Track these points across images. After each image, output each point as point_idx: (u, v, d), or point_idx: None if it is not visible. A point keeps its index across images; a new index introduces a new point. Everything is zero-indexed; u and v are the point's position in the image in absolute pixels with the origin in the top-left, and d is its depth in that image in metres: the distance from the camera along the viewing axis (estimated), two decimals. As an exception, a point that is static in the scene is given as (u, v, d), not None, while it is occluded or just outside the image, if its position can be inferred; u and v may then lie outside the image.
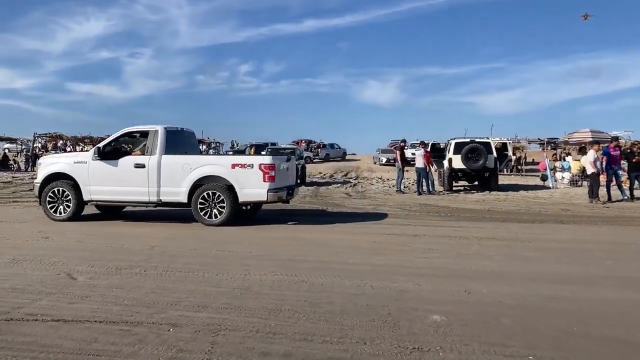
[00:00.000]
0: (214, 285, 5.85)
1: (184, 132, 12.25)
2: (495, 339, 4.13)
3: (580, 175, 22.56)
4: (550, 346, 3.99)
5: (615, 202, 15.67)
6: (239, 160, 11.14)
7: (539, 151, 49.27)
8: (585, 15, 21.78)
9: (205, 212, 10.75)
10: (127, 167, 11.05)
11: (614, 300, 5.31)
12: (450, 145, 20.56)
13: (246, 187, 10.61)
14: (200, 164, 10.91)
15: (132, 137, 11.80)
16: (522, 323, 4.55)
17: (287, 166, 11.72)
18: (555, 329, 4.38)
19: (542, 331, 4.34)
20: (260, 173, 10.55)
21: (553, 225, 11.13)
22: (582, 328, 4.42)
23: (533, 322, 4.56)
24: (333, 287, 5.74)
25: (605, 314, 4.83)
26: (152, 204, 11.12)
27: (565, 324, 4.50)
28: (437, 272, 6.55)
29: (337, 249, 8.16)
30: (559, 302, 5.20)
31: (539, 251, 8.05)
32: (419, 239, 9.21)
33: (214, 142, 59.27)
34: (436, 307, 4.99)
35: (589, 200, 15.82)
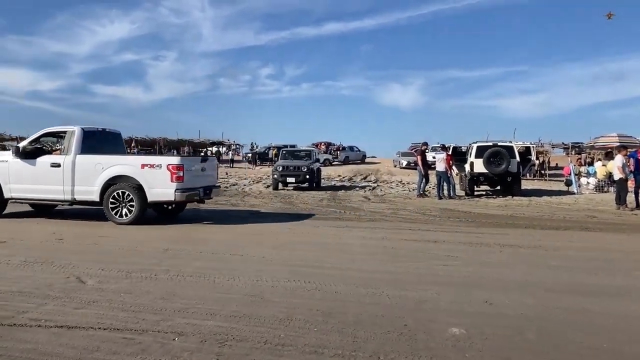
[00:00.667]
0: (224, 291, 5.66)
1: (106, 132, 12.50)
2: (518, 356, 3.87)
3: (606, 180, 21.99)
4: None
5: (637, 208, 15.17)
6: (148, 160, 11.33)
7: (563, 156, 48.47)
8: (609, 14, 21.14)
9: (116, 211, 10.99)
10: (44, 166, 11.35)
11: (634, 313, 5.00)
12: (472, 149, 20.17)
13: (155, 187, 10.87)
14: (112, 164, 11.14)
15: (55, 136, 12.05)
16: (547, 338, 4.27)
17: (204, 167, 11.97)
18: (583, 346, 4.10)
19: (568, 348, 4.06)
20: (169, 173, 10.80)
21: (578, 233, 10.75)
22: (611, 345, 4.12)
23: (558, 338, 4.28)
24: (347, 296, 5.51)
25: (637, 331, 4.53)
26: (67, 202, 11.50)
27: (592, 341, 4.21)
28: (456, 281, 6.28)
29: (354, 255, 7.92)
30: (587, 316, 4.91)
31: (564, 260, 7.73)
32: (439, 245, 8.93)
33: (234, 144, 59.46)
34: (455, 319, 4.73)
35: (616, 206, 15.34)
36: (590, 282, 6.36)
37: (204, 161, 12.28)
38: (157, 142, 50.08)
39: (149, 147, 51.21)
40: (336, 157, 48.22)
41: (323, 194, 20.44)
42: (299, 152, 25.70)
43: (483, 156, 19.29)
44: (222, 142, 54.20)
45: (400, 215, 13.51)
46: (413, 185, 24.96)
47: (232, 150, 54.33)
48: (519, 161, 19.88)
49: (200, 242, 8.87)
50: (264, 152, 48.15)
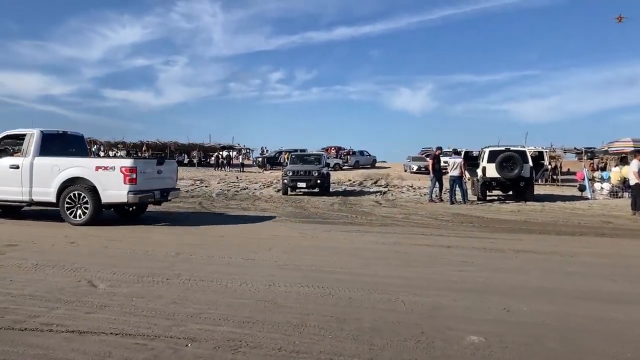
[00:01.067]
0: (237, 296, 5.59)
1: (67, 135, 12.75)
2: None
3: (621, 186, 21.73)
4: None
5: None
6: (102, 162, 11.58)
7: (575, 161, 48.08)
8: (620, 17, 20.84)
9: (71, 212, 11.25)
10: (4, 168, 11.66)
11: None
12: (484, 154, 19.99)
13: (108, 189, 11.09)
14: (68, 166, 11.36)
15: (16, 139, 12.19)
16: (569, 347, 4.15)
17: (160, 169, 12.18)
18: (606, 355, 3.98)
19: (591, 358, 3.94)
20: (122, 175, 11.00)
21: (594, 239, 10.58)
22: (636, 355, 4.00)
23: (580, 347, 4.16)
24: (362, 302, 5.42)
25: (661, 339, 4.40)
26: (25, 203, 11.81)
27: (616, 350, 4.09)
28: (472, 287, 6.17)
29: (366, 259, 7.82)
30: (608, 324, 4.78)
31: (581, 266, 7.59)
32: (453, 250, 8.81)
33: (244, 148, 59.55)
34: (473, 327, 4.63)
35: (632, 212, 15.11)
36: (609, 289, 6.22)
37: (161, 164, 12.42)
38: (168, 146, 50.27)
39: (160, 150, 51.44)
40: (346, 161, 48.11)
41: (334, 198, 20.35)
42: (309, 156, 25.16)
43: (495, 161, 19.10)
44: (232, 146, 54.28)
45: (412, 220, 13.39)
46: (424, 190, 24.85)
47: (242, 155, 54.36)
48: (531, 166, 19.68)
49: (211, 247, 8.80)
50: (274, 156, 48.15)
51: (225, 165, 44.41)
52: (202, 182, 27.48)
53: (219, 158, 47.04)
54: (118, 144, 52.99)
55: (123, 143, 52.91)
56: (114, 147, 53.14)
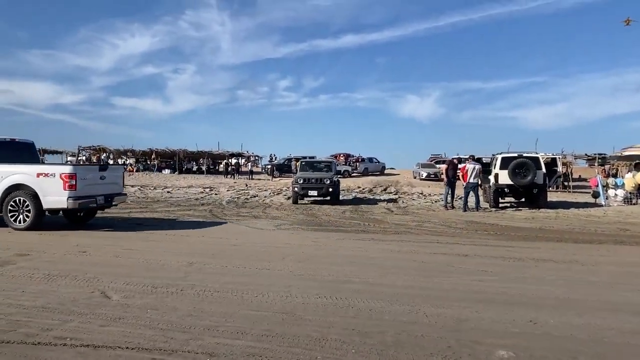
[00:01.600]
0: (254, 308, 5.44)
1: (16, 143, 12.95)
2: (575, 383, 3.59)
3: (635, 192, 21.42)
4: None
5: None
6: (43, 169, 11.74)
7: (585, 167, 47.67)
8: (628, 20, 20.51)
9: (14, 217, 11.56)
10: None
11: None
12: (497, 160, 19.75)
13: (49, 195, 11.38)
14: (11, 173, 11.66)
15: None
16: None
17: (103, 175, 12.48)
18: (645, 372, 3.80)
19: (630, 374, 3.77)
20: (61, 182, 11.30)
21: (614, 247, 10.36)
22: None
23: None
24: (383, 314, 5.26)
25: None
26: None
27: (655, 366, 3.91)
28: (495, 298, 5.99)
29: (383, 269, 7.65)
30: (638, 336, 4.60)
31: (604, 275, 7.39)
32: (470, 259, 8.62)
33: (252, 156, 59.51)
34: (500, 340, 4.46)
35: None
36: (636, 300, 6.02)
37: (104, 170, 12.73)
38: (177, 153, 50.30)
39: (169, 158, 51.46)
40: (355, 168, 47.90)
41: (345, 206, 20.17)
42: (319, 163, 23.98)
43: (508, 167, 18.88)
44: (241, 154, 54.22)
45: (426, 228, 13.20)
46: (434, 196, 24.65)
47: (251, 162, 54.31)
48: (545, 172, 19.43)
49: (225, 256, 8.66)
50: (283, 163, 48.05)
51: (235, 173, 44.35)
52: (211, 190, 27.39)
53: (228, 165, 46.98)
54: (127, 152, 53.09)
55: (132, 151, 53.00)
56: (122, 155, 53.26)
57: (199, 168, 50.89)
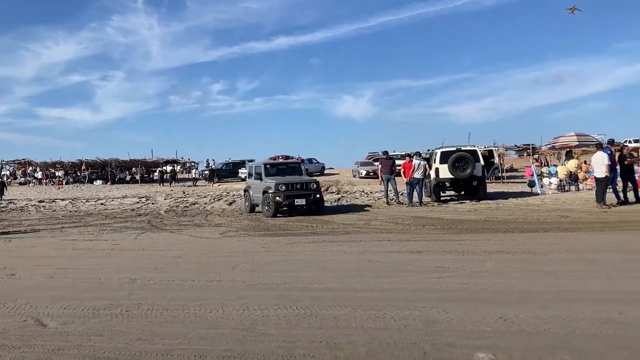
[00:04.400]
0: (209, 325, 5.02)
1: None
2: (563, 383, 3.42)
3: (568, 180, 22.23)
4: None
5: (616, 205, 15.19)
6: None
7: (515, 158, 49.44)
8: (572, 8, 20.93)
9: None
10: None
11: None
12: (436, 155, 19.97)
13: None
14: None
15: None
16: (584, 357, 3.84)
17: None
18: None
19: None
20: None
21: (560, 234, 10.53)
22: (658, 361, 3.72)
23: (597, 356, 3.85)
24: (349, 321, 4.96)
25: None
26: None
27: (636, 357, 3.80)
28: (458, 296, 5.83)
29: (340, 272, 7.38)
30: (616, 328, 4.50)
31: (559, 264, 7.41)
32: (425, 256, 8.50)
33: (188, 162, 58.21)
34: (476, 342, 4.26)
35: (598, 204, 15.12)
36: (598, 288, 6.01)
37: None
38: (108, 163, 48.29)
39: (101, 169, 49.37)
40: (294, 169, 47.61)
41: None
42: (286, 165, 19.65)
43: (448, 161, 19.10)
44: (176, 161, 52.76)
45: (374, 226, 13.06)
46: (376, 194, 24.65)
47: (195, 169, 52.86)
48: (483, 165, 19.82)
49: (170, 270, 8.15)
50: (221, 168, 47.11)
51: (172, 181, 43.01)
52: (147, 199, 26.34)
53: (164, 173, 45.57)
54: (56, 164, 50.50)
55: (61, 163, 50.45)
56: (50, 168, 50.65)
57: (132, 177, 49.09)
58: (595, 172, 15.90)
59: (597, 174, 15.61)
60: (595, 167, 15.69)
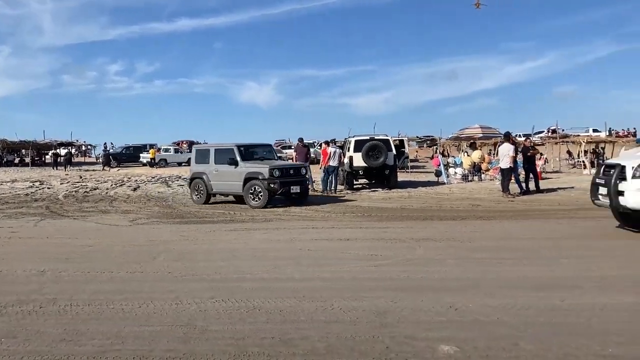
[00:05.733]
0: (142, 322, 4.52)
1: None
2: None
3: (471, 170, 23.18)
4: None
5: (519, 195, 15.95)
6: None
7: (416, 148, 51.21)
8: (477, 3, 21.97)
9: None
10: None
11: (613, 306, 4.75)
12: (350, 144, 20.05)
13: None
14: None
15: None
16: (546, 347, 3.80)
17: None
18: (590, 353, 3.67)
19: (579, 357, 3.61)
20: None
21: (477, 222, 10.82)
22: (616, 349, 3.75)
23: (558, 345, 3.82)
24: (297, 314, 4.67)
25: (621, 326, 4.22)
26: None
27: (596, 344, 3.82)
28: (401, 284, 5.71)
29: (272, 261, 7.05)
30: (562, 315, 4.55)
31: (487, 252, 7.54)
32: (354, 243, 8.36)
33: (84, 145, 54.91)
34: (435, 333, 4.11)
35: (503, 194, 15.78)
36: (532, 274, 6.10)
37: None
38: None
39: (-17, 150, 45.25)
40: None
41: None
42: (256, 147, 16.57)
43: (362, 150, 19.20)
44: (71, 143, 49.47)
45: (295, 213, 12.78)
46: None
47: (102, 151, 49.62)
48: (395, 154, 20.15)
49: (83, 260, 7.41)
50: (121, 152, 44.80)
51: (66, 165, 40.20)
52: (42, 184, 24.32)
53: (57, 156, 42.54)
54: None
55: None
56: None
57: (22, 160, 45.44)
58: (501, 163, 16.61)
59: (502, 165, 16.32)
60: (502, 158, 16.41)
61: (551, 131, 39.00)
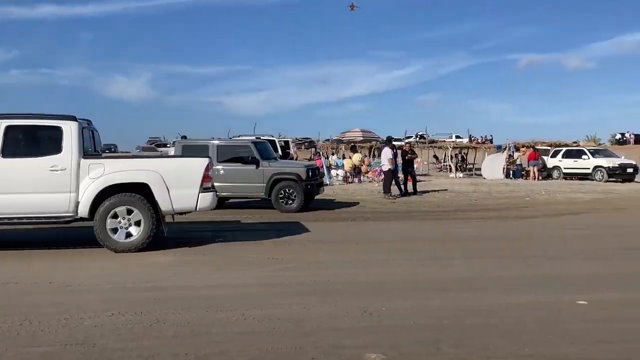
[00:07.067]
0: (28, 342, 3.93)
1: None
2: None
3: (352, 172, 23.72)
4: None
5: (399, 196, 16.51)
6: None
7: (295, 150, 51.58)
8: (352, 5, 22.58)
9: None
10: None
11: (516, 306, 4.95)
12: (235, 143, 19.66)
13: None
14: None
15: None
16: (468, 350, 3.83)
17: None
18: (510, 354, 3.75)
19: (500, 359, 3.67)
20: None
21: (367, 223, 11.00)
22: (532, 348, 3.86)
23: (478, 347, 3.87)
24: (208, 326, 4.32)
25: (530, 325, 4.39)
26: None
27: (512, 344, 3.92)
28: (311, 289, 5.58)
29: (166, 267, 6.58)
30: (475, 315, 4.65)
31: (386, 253, 7.63)
32: (253, 247, 8.07)
33: None
34: (357, 340, 4.01)
35: (384, 195, 16.19)
36: (433, 276, 6.26)
37: None
38: None
39: None
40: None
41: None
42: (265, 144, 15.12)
43: (247, 150, 18.86)
44: None
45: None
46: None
47: None
48: (281, 155, 20.06)
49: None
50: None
51: None
52: None
53: None
54: None
55: None
56: None
57: None
58: (382, 165, 17.16)
59: (384, 167, 16.88)
60: (383, 161, 16.97)
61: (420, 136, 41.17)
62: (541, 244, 8.56)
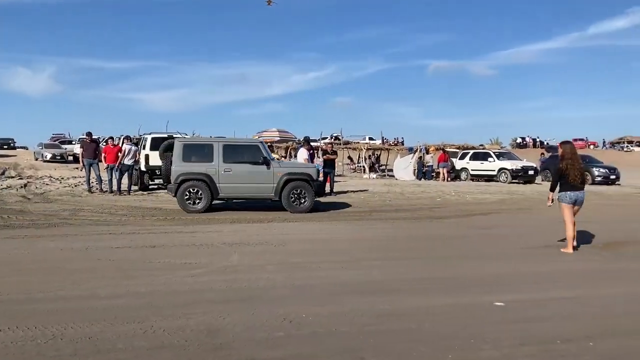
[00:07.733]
0: None
1: None
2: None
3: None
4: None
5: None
6: None
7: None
8: (269, 0, 22.43)
9: None
10: None
11: (435, 309, 4.92)
12: (146, 141, 18.78)
13: None
14: None
15: None
16: (390, 357, 3.71)
17: None
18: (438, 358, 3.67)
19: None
20: None
21: (285, 225, 10.80)
22: (455, 354, 3.81)
23: (401, 354, 3.77)
24: (112, 341, 3.93)
25: (450, 329, 4.35)
26: None
27: (435, 350, 3.85)
28: (226, 296, 5.30)
29: (71, 274, 6.04)
30: (394, 320, 4.57)
31: (302, 256, 7.45)
32: (162, 250, 7.65)
33: None
34: (277, 352, 3.80)
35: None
36: (350, 279, 6.12)
37: None
38: None
39: None
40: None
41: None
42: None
43: (159, 148, 18.09)
44: None
45: (84, 217, 11.38)
46: (70, 180, 22.04)
47: None
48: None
49: None
50: None
51: None
52: None
53: None
54: None
55: None
56: None
57: None
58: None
59: None
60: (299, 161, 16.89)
61: (334, 138, 41.63)
62: (455, 244, 8.74)
